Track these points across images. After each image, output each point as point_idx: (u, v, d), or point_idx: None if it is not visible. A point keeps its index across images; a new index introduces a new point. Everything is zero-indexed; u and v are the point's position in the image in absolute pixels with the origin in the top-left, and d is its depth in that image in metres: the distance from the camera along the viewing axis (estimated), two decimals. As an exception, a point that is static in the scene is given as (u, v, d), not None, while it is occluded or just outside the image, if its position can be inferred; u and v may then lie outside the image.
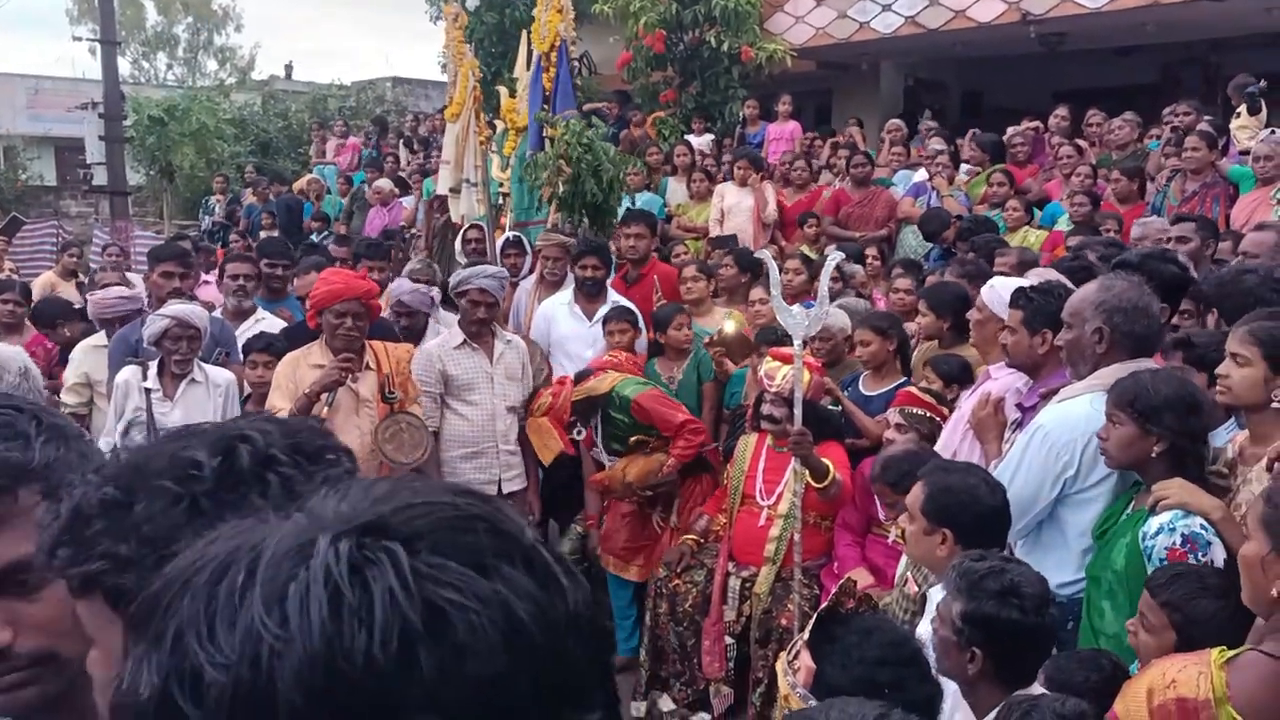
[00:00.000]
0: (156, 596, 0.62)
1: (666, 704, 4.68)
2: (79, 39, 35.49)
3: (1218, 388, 2.84)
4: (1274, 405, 2.65)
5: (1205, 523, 2.52)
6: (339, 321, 4.24)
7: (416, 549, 0.58)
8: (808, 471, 4.21)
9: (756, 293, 5.73)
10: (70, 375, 4.94)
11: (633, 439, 4.81)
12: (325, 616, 0.55)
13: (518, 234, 6.95)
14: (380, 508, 0.61)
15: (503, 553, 0.61)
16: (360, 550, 0.58)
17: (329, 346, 4.32)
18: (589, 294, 5.78)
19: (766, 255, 4.80)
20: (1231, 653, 1.91)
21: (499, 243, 6.94)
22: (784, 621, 4.27)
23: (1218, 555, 2.47)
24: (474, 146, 7.13)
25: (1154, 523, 2.56)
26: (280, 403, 4.19)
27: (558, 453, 4.94)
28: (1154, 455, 2.66)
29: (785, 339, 5.12)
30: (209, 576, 0.59)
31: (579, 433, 4.92)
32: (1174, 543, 2.51)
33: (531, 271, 6.54)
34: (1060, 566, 2.96)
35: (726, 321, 5.62)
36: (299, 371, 4.29)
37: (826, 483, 4.22)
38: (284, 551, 0.59)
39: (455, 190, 7.44)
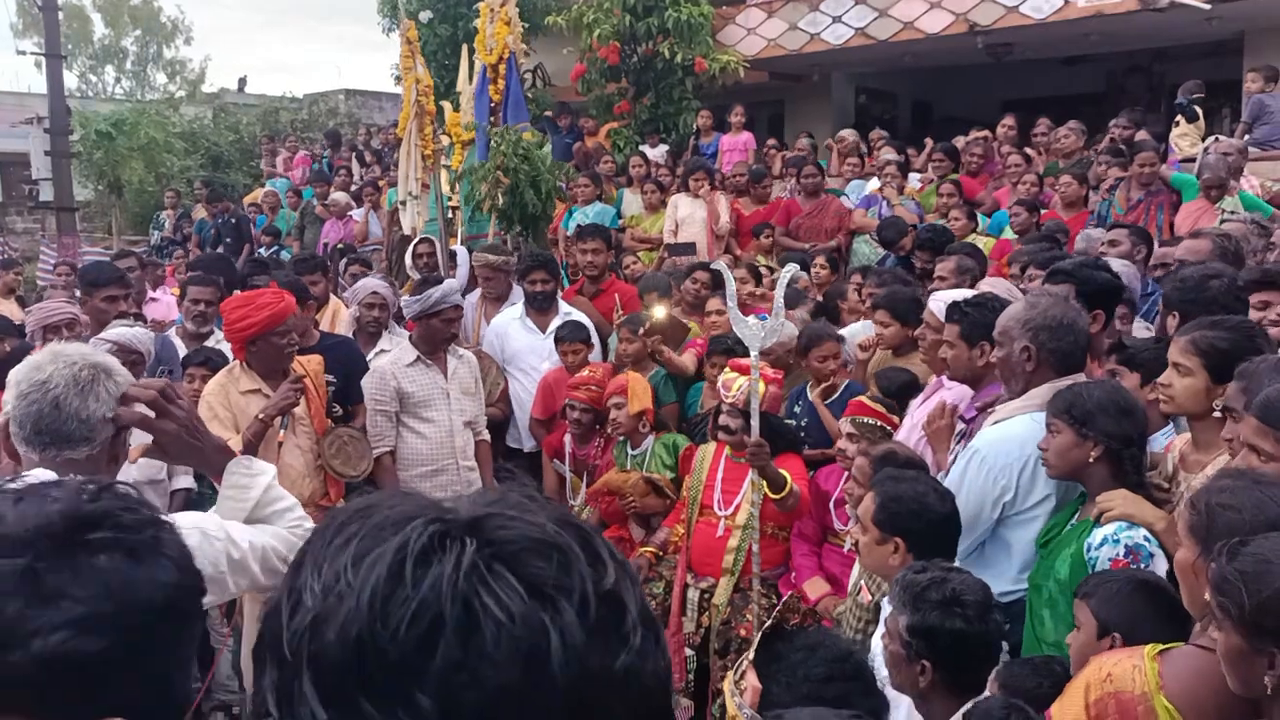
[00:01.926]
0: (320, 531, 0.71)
1: (626, 717, 4.66)
2: (23, 53, 34.91)
3: (1161, 397, 2.88)
4: (1215, 415, 2.69)
5: (1149, 534, 2.55)
6: (284, 341, 4.14)
7: (486, 553, 0.64)
8: (765, 482, 4.22)
9: (714, 303, 5.73)
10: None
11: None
12: (381, 581, 0.63)
13: (452, 249, 6.93)
14: (488, 508, 0.68)
15: (565, 589, 0.64)
16: (438, 537, 0.65)
17: (264, 369, 4.19)
18: (539, 307, 5.77)
19: (723, 267, 4.82)
20: (1163, 646, 1.94)
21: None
22: (743, 632, 4.27)
23: (1160, 567, 2.51)
24: (416, 160, 7.09)
25: (1098, 534, 2.60)
26: (222, 432, 4.05)
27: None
28: (1092, 461, 2.70)
29: (736, 346, 5.16)
30: (336, 525, 0.69)
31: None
32: (1118, 554, 2.54)
33: (474, 285, 6.53)
34: (1001, 577, 3.00)
35: (655, 308, 5.61)
36: (231, 398, 4.15)
37: (784, 494, 4.23)
38: (387, 521, 0.67)
39: (404, 203, 7.43)
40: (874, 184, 9.01)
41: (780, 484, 4.22)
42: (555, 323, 5.71)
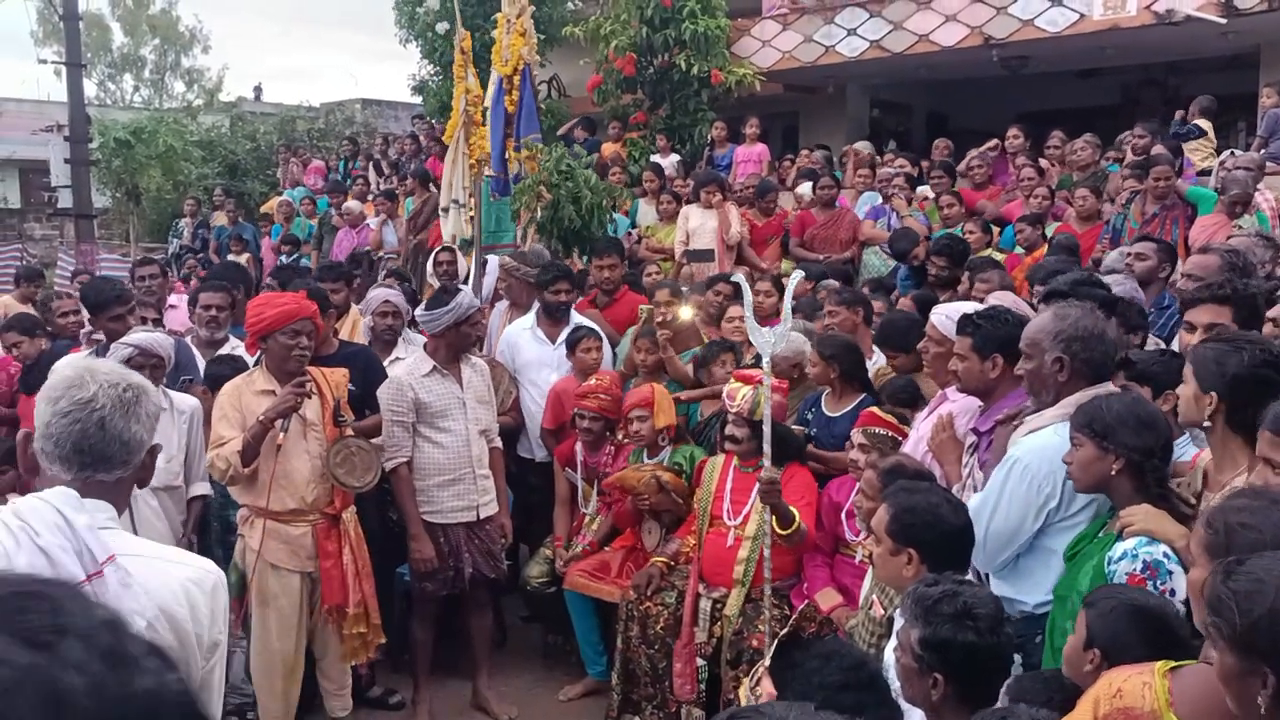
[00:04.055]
0: None
1: (638, 727, 4.68)
2: (44, 61, 35.23)
3: (1177, 407, 2.90)
4: (1204, 424, 2.69)
5: (1169, 551, 2.55)
6: (294, 342, 4.19)
7: None
8: (774, 518, 4.23)
9: (735, 310, 5.76)
10: None
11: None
12: None
13: (483, 258, 6.99)
14: None
15: (62, 630, 0.63)
16: None
17: (276, 370, 4.24)
18: (556, 317, 5.80)
19: (740, 277, 4.87)
20: (1175, 664, 1.94)
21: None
22: (755, 643, 4.28)
23: (1179, 584, 2.49)
24: (463, 167, 7.16)
25: (1119, 548, 2.60)
26: (227, 432, 4.12)
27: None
28: (1115, 474, 2.71)
29: (728, 352, 5.20)
30: None
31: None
32: (1135, 569, 2.54)
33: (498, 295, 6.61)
34: (1038, 587, 2.99)
35: (684, 308, 5.65)
36: (244, 399, 4.21)
37: (791, 530, 4.25)
38: None
39: (446, 210, 7.49)
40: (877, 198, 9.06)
41: (789, 520, 4.24)
42: (565, 333, 5.74)
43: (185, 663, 1.75)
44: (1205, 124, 9.36)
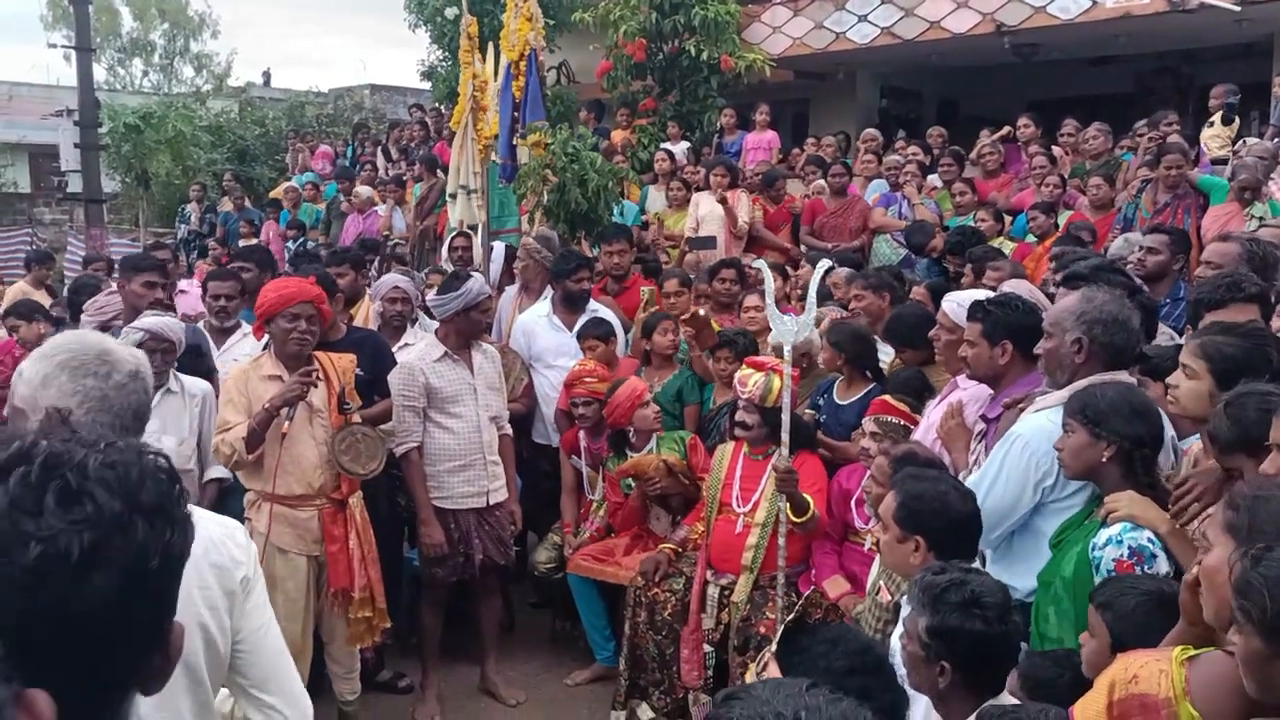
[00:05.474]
0: None
1: (646, 713, 4.69)
2: (54, 46, 35.30)
3: (1168, 398, 2.88)
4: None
5: (1153, 536, 2.56)
6: (292, 325, 4.18)
7: None
8: (789, 505, 4.24)
9: (752, 299, 5.75)
10: None
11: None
12: None
13: (493, 243, 7.00)
14: None
15: None
16: None
17: (281, 355, 4.25)
18: (574, 306, 5.79)
19: (763, 265, 4.87)
20: (1194, 651, 1.93)
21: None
22: (763, 629, 4.29)
23: (1162, 569, 2.52)
24: (471, 153, 7.16)
25: (1104, 534, 2.62)
26: (234, 417, 4.13)
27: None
28: (1105, 461, 2.72)
29: (738, 338, 5.21)
30: None
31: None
32: (1121, 555, 2.56)
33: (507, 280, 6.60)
34: (1031, 572, 3.00)
35: (700, 311, 5.67)
36: (250, 384, 4.20)
37: (806, 518, 4.26)
38: None
39: (454, 196, 7.49)
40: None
41: (804, 508, 4.24)
42: (581, 321, 5.74)
43: (230, 607, 1.91)
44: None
